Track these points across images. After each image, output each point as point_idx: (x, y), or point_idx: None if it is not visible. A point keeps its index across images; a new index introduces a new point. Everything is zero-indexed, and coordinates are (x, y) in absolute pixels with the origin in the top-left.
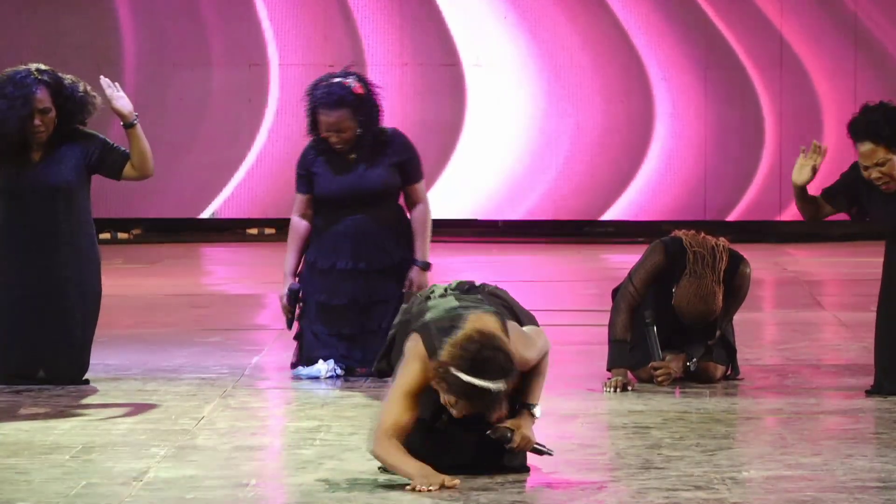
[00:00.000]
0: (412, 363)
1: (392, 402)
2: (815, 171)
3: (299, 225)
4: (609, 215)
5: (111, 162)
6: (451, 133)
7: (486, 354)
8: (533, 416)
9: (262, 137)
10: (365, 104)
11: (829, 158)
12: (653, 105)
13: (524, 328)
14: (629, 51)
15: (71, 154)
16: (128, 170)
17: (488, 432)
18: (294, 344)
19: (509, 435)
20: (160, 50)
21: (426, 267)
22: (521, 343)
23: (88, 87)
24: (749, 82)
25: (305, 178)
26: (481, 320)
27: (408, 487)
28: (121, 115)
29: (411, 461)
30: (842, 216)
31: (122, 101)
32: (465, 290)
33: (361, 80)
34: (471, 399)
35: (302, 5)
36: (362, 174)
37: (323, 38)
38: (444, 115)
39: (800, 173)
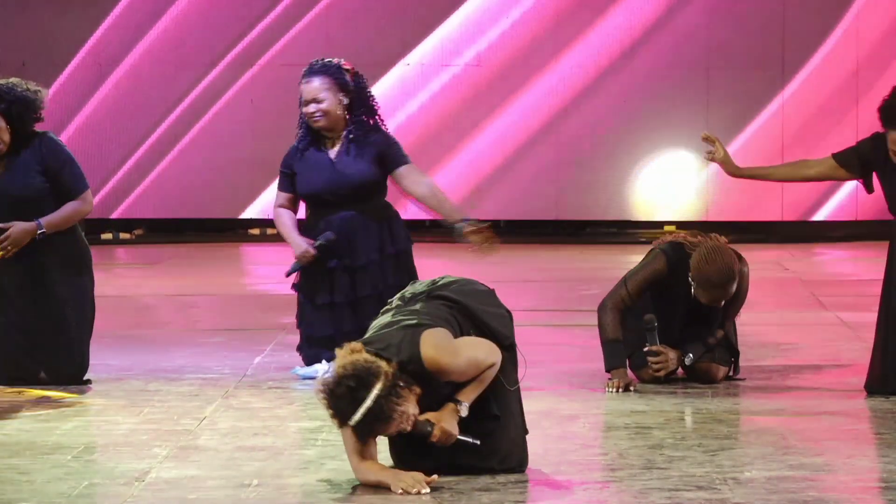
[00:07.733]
0: None
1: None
2: (724, 154)
3: (284, 212)
4: (612, 216)
5: (57, 194)
6: (452, 133)
7: (340, 391)
8: (458, 411)
9: (262, 138)
10: (352, 87)
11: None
12: (653, 105)
13: (465, 338)
14: (630, 50)
15: (34, 161)
16: None
17: (410, 428)
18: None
19: (429, 428)
20: (161, 50)
21: (467, 221)
22: (442, 349)
23: (31, 84)
24: (750, 82)
25: (288, 176)
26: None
27: (399, 493)
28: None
29: (384, 471)
30: (842, 216)
31: (17, 235)
32: (409, 298)
33: (356, 72)
34: (379, 422)
35: (304, 5)
36: (341, 170)
37: (324, 39)
38: (445, 115)
39: (727, 165)
